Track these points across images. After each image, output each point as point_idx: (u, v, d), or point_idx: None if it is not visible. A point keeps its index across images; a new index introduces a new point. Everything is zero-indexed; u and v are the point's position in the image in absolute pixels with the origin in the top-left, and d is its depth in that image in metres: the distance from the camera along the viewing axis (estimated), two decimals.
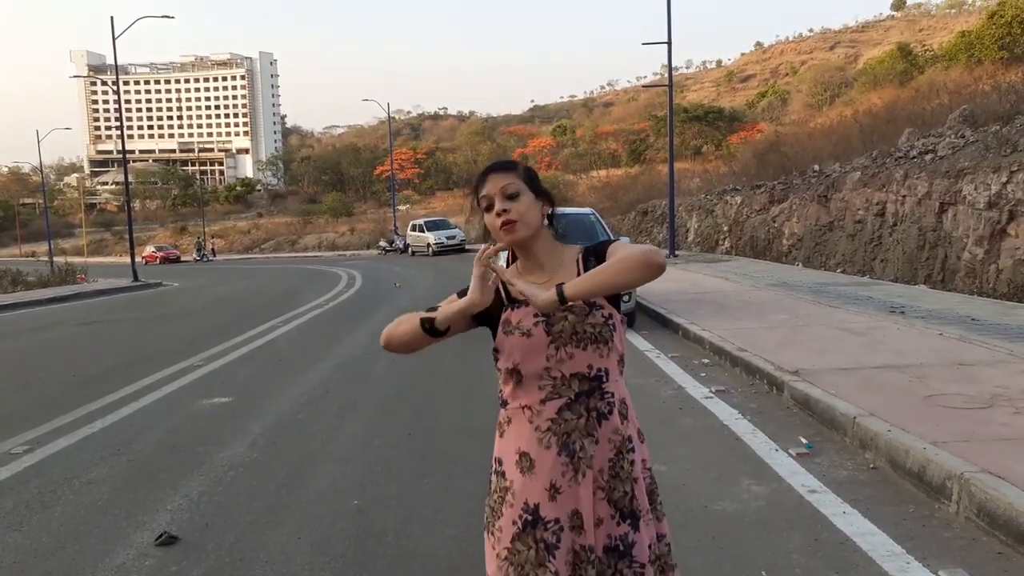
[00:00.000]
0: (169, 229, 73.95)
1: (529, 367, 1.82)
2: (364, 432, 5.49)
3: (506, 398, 1.88)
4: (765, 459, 4.45)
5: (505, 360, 1.84)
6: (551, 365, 1.80)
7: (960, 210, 11.92)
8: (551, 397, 1.81)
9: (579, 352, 1.81)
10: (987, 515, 3.33)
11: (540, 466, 1.80)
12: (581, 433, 1.81)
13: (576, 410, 1.81)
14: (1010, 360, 6.11)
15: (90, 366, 8.93)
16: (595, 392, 1.82)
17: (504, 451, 1.87)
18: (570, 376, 1.81)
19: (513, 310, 1.84)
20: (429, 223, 38.69)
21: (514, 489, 1.82)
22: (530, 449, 1.82)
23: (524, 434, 1.83)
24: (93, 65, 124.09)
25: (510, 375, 1.84)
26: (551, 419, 1.81)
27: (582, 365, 1.81)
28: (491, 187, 1.84)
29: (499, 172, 1.86)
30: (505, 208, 1.82)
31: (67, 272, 27.90)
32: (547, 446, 1.80)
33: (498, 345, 1.86)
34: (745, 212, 21.98)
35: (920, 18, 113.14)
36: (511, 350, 1.82)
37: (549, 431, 1.81)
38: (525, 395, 1.83)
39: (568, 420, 1.81)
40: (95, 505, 4.21)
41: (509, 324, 1.83)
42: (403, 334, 1.87)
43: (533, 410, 1.82)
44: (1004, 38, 29.99)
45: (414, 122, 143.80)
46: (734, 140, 52.23)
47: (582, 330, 1.80)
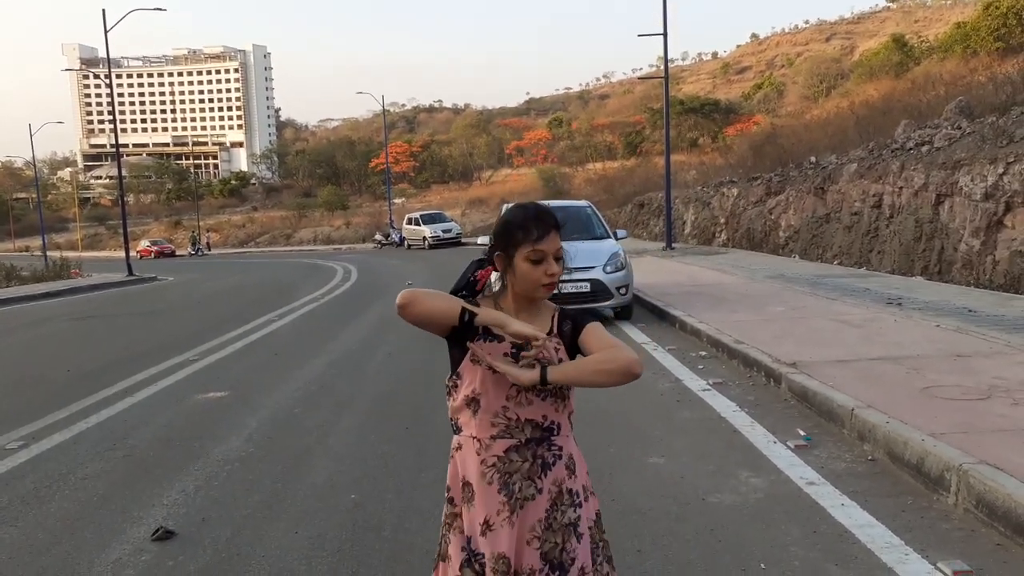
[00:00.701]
0: (163, 223, 73.71)
1: (489, 401, 1.86)
2: (361, 426, 5.47)
3: (460, 425, 1.92)
4: (763, 451, 4.45)
5: (466, 387, 1.87)
6: (509, 406, 1.85)
7: (957, 201, 11.92)
8: (502, 436, 1.86)
9: (538, 401, 1.86)
10: (986, 506, 3.33)
11: (479, 499, 1.85)
12: (523, 476, 1.85)
13: (523, 454, 1.86)
14: (1007, 351, 6.11)
15: (85, 361, 8.89)
16: (544, 442, 1.88)
17: (453, 479, 1.93)
18: (524, 421, 1.86)
19: (486, 341, 1.86)
20: (425, 216, 38.62)
21: (462, 518, 1.90)
22: (473, 480, 1.87)
23: (470, 465, 1.88)
24: (85, 58, 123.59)
25: (468, 403, 1.88)
26: (498, 456, 1.85)
27: (538, 414, 1.87)
28: (550, 246, 1.88)
29: (556, 231, 1.90)
30: (556, 271, 1.88)
31: (61, 267, 27.82)
32: (489, 481, 1.85)
33: (462, 371, 1.89)
34: (741, 204, 21.97)
35: (916, 9, 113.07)
36: (474, 380, 1.86)
37: (494, 467, 1.85)
38: (477, 427, 1.87)
39: (513, 461, 1.86)
40: (91, 500, 4.19)
41: (478, 355, 1.86)
42: (435, 310, 1.82)
43: (482, 443, 1.87)
44: (1000, 29, 29.97)
45: (409, 115, 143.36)
46: (730, 132, 52.16)
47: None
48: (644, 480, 4.09)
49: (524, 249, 1.87)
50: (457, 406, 1.91)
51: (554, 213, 1.94)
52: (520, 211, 1.94)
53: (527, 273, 1.88)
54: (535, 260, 1.87)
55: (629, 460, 4.41)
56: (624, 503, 3.74)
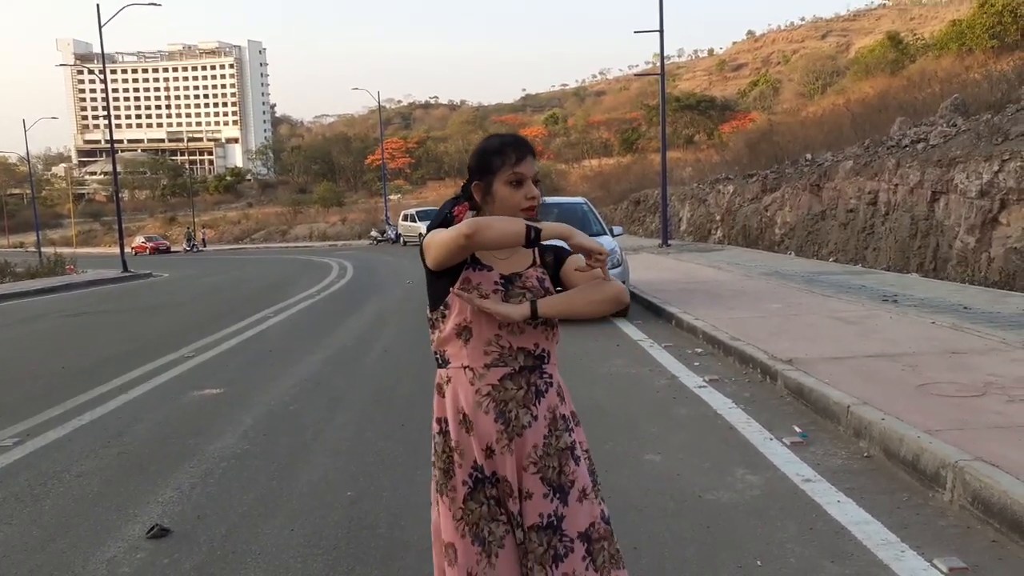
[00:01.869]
0: (158, 219, 73.56)
1: (480, 329, 1.84)
2: (356, 423, 5.46)
3: (448, 357, 1.89)
4: (759, 448, 4.45)
5: (456, 316, 1.85)
6: (502, 334, 1.84)
7: (952, 199, 11.94)
8: (496, 364, 1.85)
9: (529, 329, 1.86)
10: (981, 503, 3.33)
11: (478, 428, 1.85)
12: (518, 404, 1.85)
13: (517, 381, 1.86)
14: (1002, 348, 6.12)
15: (80, 358, 8.86)
16: (536, 369, 1.88)
17: (447, 411, 1.89)
18: (517, 349, 1.86)
19: (474, 271, 1.86)
20: (421, 213, 38.54)
21: (462, 448, 1.87)
22: (469, 410, 1.85)
23: (464, 395, 1.85)
24: (80, 54, 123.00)
25: (459, 332, 1.85)
26: (492, 385, 1.84)
27: (529, 342, 1.87)
28: (527, 168, 1.87)
29: (532, 156, 1.90)
30: (537, 194, 1.87)
31: (56, 263, 27.71)
32: (485, 410, 1.84)
33: (450, 300, 1.86)
34: (737, 201, 21.98)
35: (911, 7, 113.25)
36: (464, 309, 1.84)
37: (488, 396, 1.84)
38: (469, 356, 1.85)
39: (508, 389, 1.85)
40: (85, 498, 4.17)
41: (468, 283, 1.85)
42: (506, 233, 1.73)
43: (475, 373, 1.85)
44: (995, 27, 30.01)
45: (405, 111, 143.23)
46: (726, 129, 52.23)
47: None
48: (640, 477, 4.09)
49: (503, 174, 1.86)
50: (446, 336, 1.87)
51: (525, 139, 1.96)
52: (495, 139, 1.94)
53: (507, 197, 1.87)
54: (515, 182, 1.87)
55: (625, 457, 4.41)
56: (620, 500, 3.73)
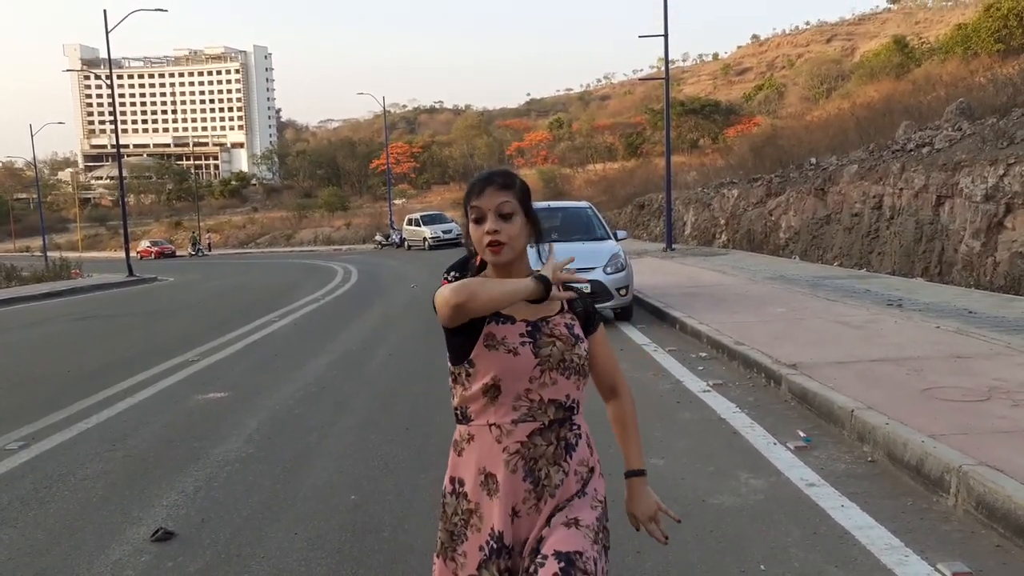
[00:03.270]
0: (164, 224, 73.80)
1: (510, 386, 1.74)
2: (361, 427, 5.47)
3: (471, 414, 1.79)
4: (763, 452, 4.45)
5: (484, 375, 1.74)
6: (532, 387, 1.74)
7: (957, 203, 11.92)
8: (524, 419, 1.74)
9: (562, 379, 1.77)
10: (985, 508, 3.32)
11: (504, 489, 1.73)
12: (548, 461, 1.75)
13: (547, 437, 1.76)
14: (1007, 353, 6.11)
15: (85, 361, 8.89)
16: (567, 422, 1.78)
17: (464, 471, 1.78)
18: (548, 401, 1.76)
19: (497, 324, 1.75)
20: (425, 217, 38.61)
21: (481, 512, 1.75)
22: (496, 470, 1.74)
23: (490, 454, 1.75)
24: (86, 59, 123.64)
25: (486, 391, 1.75)
26: (521, 442, 1.74)
27: (561, 393, 1.77)
28: (487, 201, 1.76)
29: (499, 188, 1.77)
30: (496, 228, 1.74)
31: (61, 267, 27.82)
32: (513, 469, 1.73)
33: (475, 358, 1.75)
34: (742, 205, 21.97)
35: (916, 11, 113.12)
36: (491, 365, 1.73)
37: (517, 454, 1.74)
38: (496, 413, 1.75)
39: (538, 446, 1.75)
40: (90, 501, 4.19)
41: (493, 338, 1.74)
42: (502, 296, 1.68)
43: (503, 429, 1.74)
44: (1000, 31, 29.97)
45: (410, 116, 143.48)
46: (731, 133, 52.18)
47: (569, 359, 1.77)
48: None
49: (469, 210, 1.79)
50: (471, 395, 1.76)
51: (502, 171, 1.84)
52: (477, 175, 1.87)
53: (475, 238, 1.78)
54: (475, 219, 1.77)
55: None
56: (624, 504, 3.73)
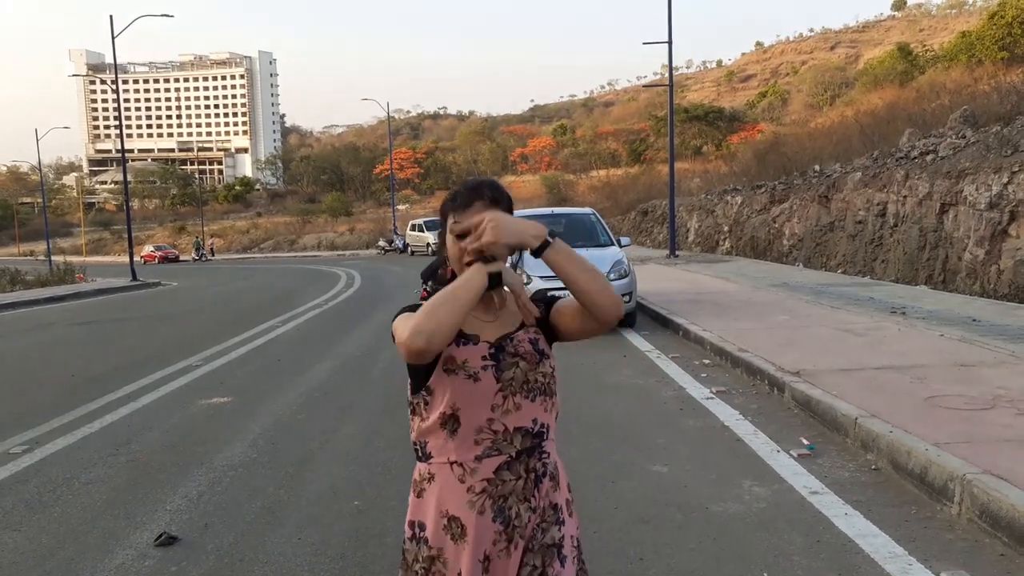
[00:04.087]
0: (168, 228, 73.92)
1: (470, 416, 1.56)
2: (363, 433, 5.47)
3: (430, 451, 1.62)
4: (766, 460, 4.44)
5: (440, 404, 1.57)
6: (495, 416, 1.57)
7: (961, 211, 11.91)
8: (489, 454, 1.57)
9: (527, 403, 1.59)
10: (989, 517, 3.32)
11: (472, 533, 1.56)
12: (518, 498, 1.59)
13: (515, 470, 1.58)
14: (1011, 361, 6.10)
15: (89, 366, 8.91)
16: (535, 450, 1.61)
17: (425, 514, 1.62)
18: (513, 430, 1.58)
19: (459, 346, 1.57)
20: (428, 223, 38.67)
21: (444, 558, 1.59)
22: (460, 513, 1.57)
23: (453, 495, 1.58)
24: (92, 64, 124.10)
25: (443, 423, 1.57)
26: (487, 479, 1.57)
27: (527, 419, 1.60)
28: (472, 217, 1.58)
29: (488, 203, 1.61)
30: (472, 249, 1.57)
31: (66, 271, 27.86)
32: (480, 510, 1.57)
33: (433, 385, 1.59)
34: (745, 212, 21.97)
35: (921, 18, 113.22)
36: (450, 393, 1.56)
37: (484, 493, 1.57)
38: (457, 449, 1.58)
39: (507, 481, 1.58)
40: (94, 505, 4.20)
41: (453, 362, 1.56)
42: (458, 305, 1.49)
43: (466, 468, 1.58)
44: (1004, 39, 30.00)
45: (414, 122, 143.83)
46: (734, 140, 52.26)
47: (533, 379, 1.60)
48: (647, 488, 4.08)
49: (449, 222, 1.62)
50: (428, 427, 1.60)
51: (489, 183, 1.65)
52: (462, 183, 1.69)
53: (451, 251, 1.61)
54: (458, 234, 1.58)
55: (632, 468, 4.41)
56: (627, 511, 3.74)
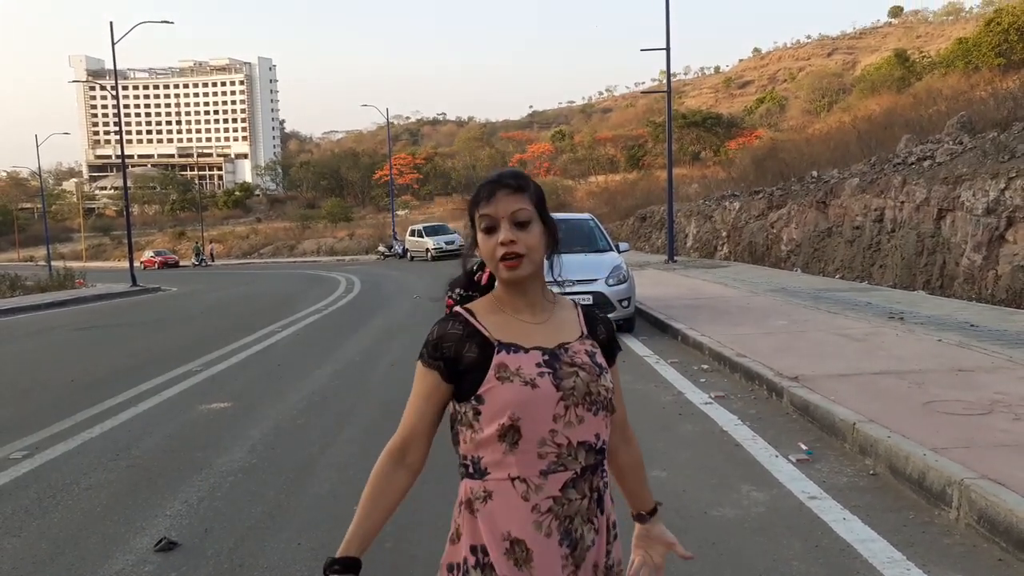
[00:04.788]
0: (168, 234, 73.91)
1: (532, 427, 1.43)
2: (363, 438, 5.48)
3: (485, 466, 1.47)
4: (765, 465, 4.45)
5: (498, 413, 1.44)
6: (558, 428, 1.45)
7: (958, 216, 11.94)
8: (554, 469, 1.45)
9: (590, 417, 1.47)
10: (987, 521, 3.33)
11: (539, 559, 1.44)
12: (583, 519, 1.48)
13: (580, 488, 1.47)
14: (1009, 366, 6.12)
15: (89, 371, 8.92)
16: (598, 468, 1.51)
17: (486, 537, 1.45)
18: (577, 444, 1.46)
19: (509, 353, 1.47)
20: (428, 228, 38.77)
21: None
22: (524, 535, 1.43)
23: (516, 515, 1.44)
24: (92, 70, 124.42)
25: (503, 435, 1.44)
26: (553, 497, 1.45)
27: (590, 433, 1.48)
28: (500, 208, 1.48)
29: (511, 191, 1.50)
30: (512, 238, 1.47)
31: (65, 277, 27.86)
32: (547, 533, 1.44)
33: (485, 394, 1.45)
34: (743, 218, 22.01)
35: (917, 25, 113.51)
36: (507, 401, 1.43)
37: (550, 512, 1.45)
38: (519, 464, 1.44)
39: (572, 501, 1.46)
40: (94, 511, 4.20)
41: (506, 369, 1.45)
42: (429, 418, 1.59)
43: (530, 484, 1.44)
44: (1001, 45, 30.10)
45: (413, 127, 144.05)
46: (732, 146, 52.31)
47: (595, 391, 1.48)
48: None
49: (479, 220, 1.51)
50: (483, 439, 1.46)
51: (512, 172, 1.55)
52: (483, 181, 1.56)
53: (482, 248, 1.51)
54: (486, 228, 1.49)
55: None
56: (625, 517, 3.74)
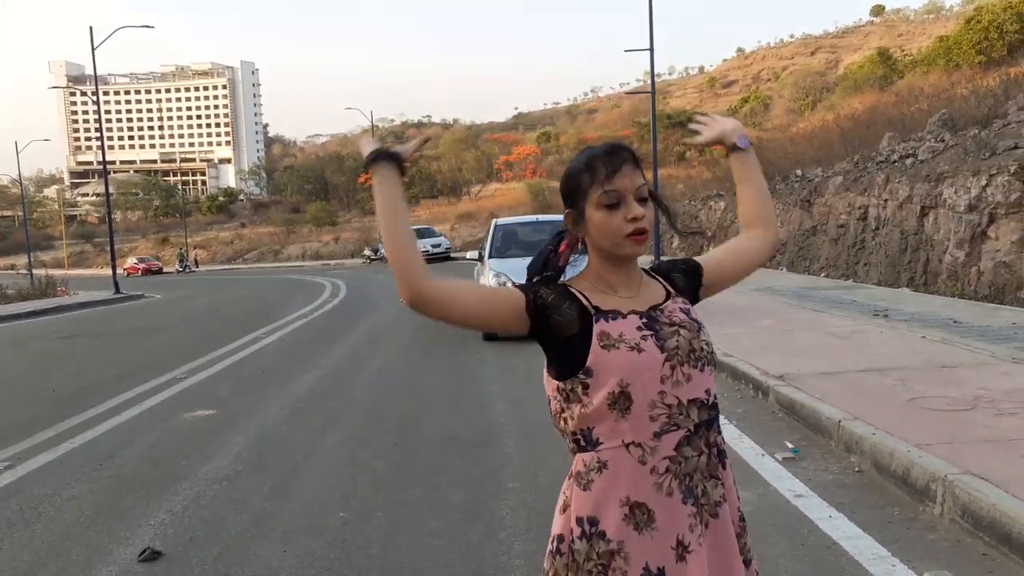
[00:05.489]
0: (151, 240, 73.36)
1: (641, 391, 1.43)
2: (348, 444, 5.45)
3: (597, 437, 1.46)
4: (751, 464, 4.46)
5: (607, 382, 1.43)
6: (666, 389, 1.44)
7: (941, 213, 12.04)
8: (667, 429, 1.44)
9: (696, 373, 1.47)
10: (971, 516, 3.35)
11: (663, 518, 1.43)
12: (703, 475, 1.47)
13: (696, 445, 1.46)
14: (992, 362, 6.16)
15: (71, 380, 8.83)
16: (713, 423, 1.50)
17: (599, 506, 1.44)
18: (688, 403, 1.46)
19: (608, 321, 1.46)
20: (414, 231, 38.66)
21: (626, 552, 1.42)
22: (645, 498, 1.43)
23: (634, 480, 1.43)
24: (72, 76, 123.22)
25: (614, 404, 1.43)
26: (669, 457, 1.44)
27: (700, 390, 1.48)
28: (626, 182, 1.47)
29: (634, 166, 1.49)
30: (640, 215, 1.47)
31: (47, 285, 27.57)
32: (668, 492, 1.43)
33: (593, 365, 1.44)
34: (729, 217, 22.12)
35: (899, 23, 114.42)
36: (615, 369, 1.42)
37: (668, 472, 1.44)
38: (632, 429, 1.43)
39: (689, 458, 1.46)
40: (77, 521, 4.16)
41: (608, 337, 1.44)
42: (385, 210, 1.60)
43: (645, 448, 1.43)
44: (981, 43, 30.38)
45: (398, 130, 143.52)
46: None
47: (698, 347, 1.49)
48: None
49: (593, 194, 1.48)
50: (593, 411, 1.44)
51: (627, 147, 1.54)
52: (585, 152, 1.54)
53: (603, 225, 1.48)
54: (609, 204, 1.47)
55: None
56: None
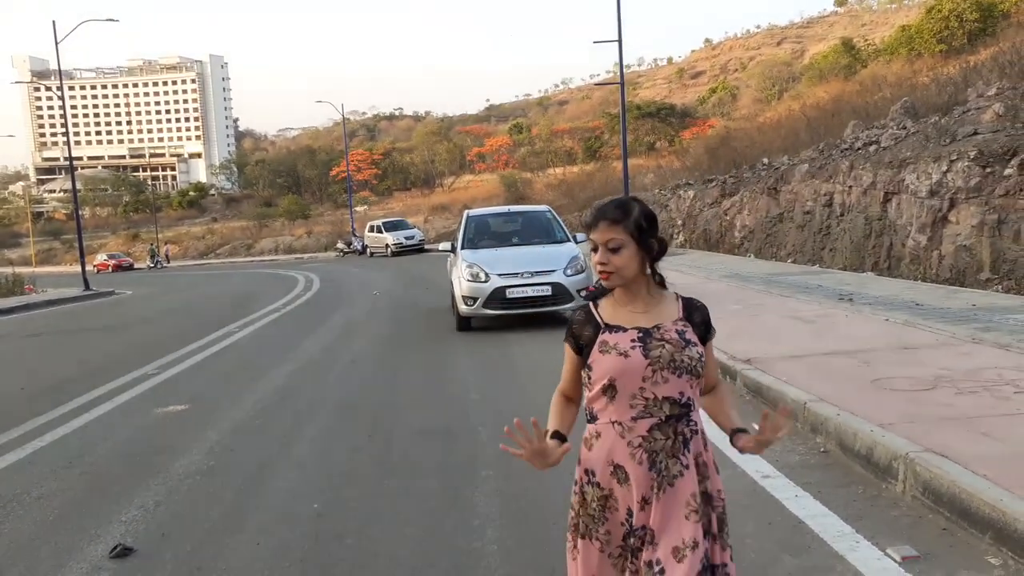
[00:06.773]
0: (121, 236, 72.18)
1: (625, 385, 1.95)
2: (323, 436, 5.45)
3: (596, 413, 2.01)
4: (719, 446, 4.49)
5: (600, 376, 1.98)
6: (646, 386, 1.95)
7: (903, 199, 12.26)
8: (642, 416, 1.95)
9: (674, 378, 1.95)
10: (931, 493, 3.45)
11: (635, 479, 1.95)
12: (667, 454, 1.95)
13: (665, 431, 1.95)
14: (952, 343, 6.31)
15: (40, 378, 8.70)
16: (683, 418, 1.97)
17: (595, 463, 2.01)
18: (662, 399, 1.95)
19: (610, 333, 2.00)
20: (387, 223, 38.45)
21: (615, 497, 1.99)
22: (623, 462, 1.96)
23: (617, 448, 1.97)
24: (36, 71, 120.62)
25: (605, 391, 1.98)
26: (642, 436, 1.95)
27: (675, 391, 1.96)
28: (599, 235, 1.99)
29: (609, 223, 1.99)
30: (604, 261, 1.99)
31: (14, 283, 27.03)
32: (639, 461, 1.95)
33: (591, 363, 2.00)
34: (698, 206, 22.30)
35: (862, 13, 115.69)
36: (606, 368, 1.96)
37: (640, 447, 1.95)
38: (616, 411, 1.97)
39: (657, 439, 1.95)
40: (46, 520, 4.12)
41: (606, 344, 1.98)
42: (572, 389, 2.13)
43: (624, 426, 1.96)
44: (942, 32, 30.87)
45: (369, 123, 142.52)
46: (686, 136, 52.94)
47: (679, 359, 1.95)
48: None
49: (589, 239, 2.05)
50: (593, 395, 2.00)
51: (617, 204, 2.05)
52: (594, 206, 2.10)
53: (594, 262, 2.04)
54: (593, 248, 2.02)
55: None
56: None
